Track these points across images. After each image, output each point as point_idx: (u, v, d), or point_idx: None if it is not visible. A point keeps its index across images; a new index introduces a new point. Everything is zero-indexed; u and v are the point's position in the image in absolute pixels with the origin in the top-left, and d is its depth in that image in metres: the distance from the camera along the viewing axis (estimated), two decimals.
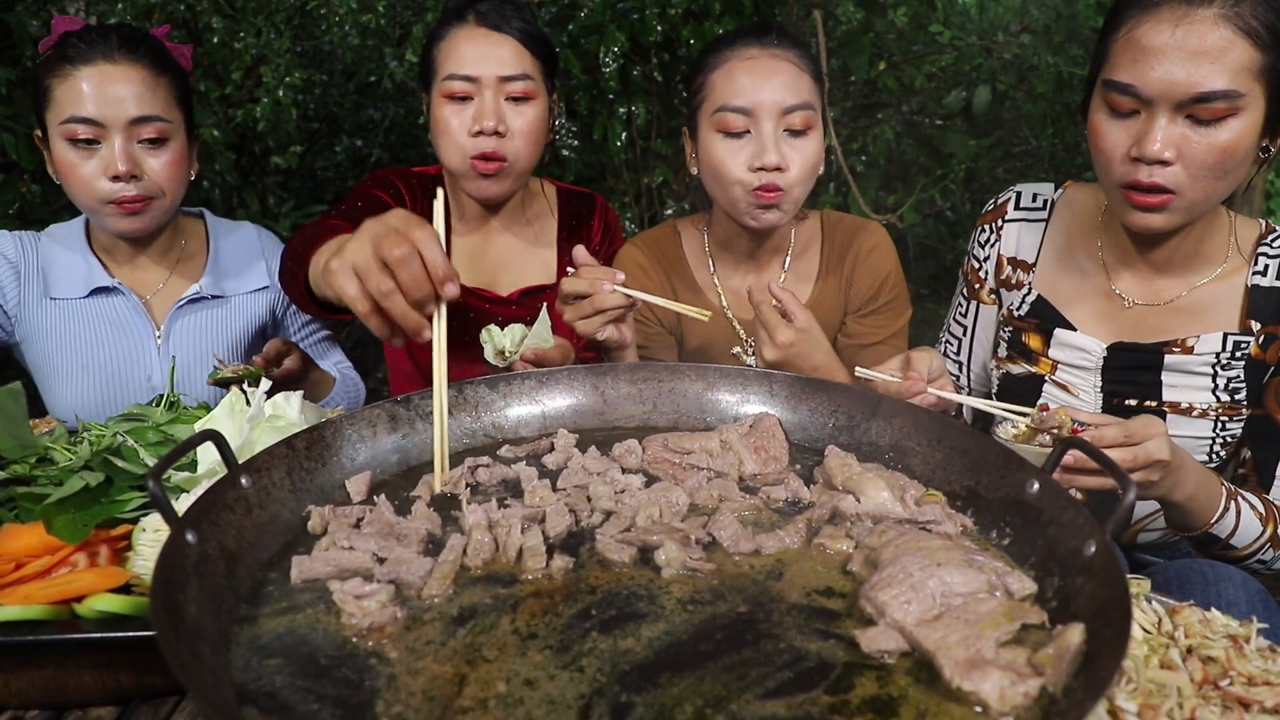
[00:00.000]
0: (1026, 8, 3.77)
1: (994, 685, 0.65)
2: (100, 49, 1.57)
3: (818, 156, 1.58)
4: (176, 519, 0.75)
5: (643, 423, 1.19)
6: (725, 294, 1.77)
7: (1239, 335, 1.35)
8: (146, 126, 1.60)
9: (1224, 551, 1.30)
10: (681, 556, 0.84)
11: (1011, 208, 1.57)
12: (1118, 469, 0.78)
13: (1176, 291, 1.40)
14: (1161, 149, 1.21)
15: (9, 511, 1.09)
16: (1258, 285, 1.36)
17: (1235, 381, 1.36)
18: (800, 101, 1.53)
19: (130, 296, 1.75)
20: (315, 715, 0.65)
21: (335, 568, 0.82)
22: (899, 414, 1.08)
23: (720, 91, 1.56)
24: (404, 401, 1.09)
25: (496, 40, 1.60)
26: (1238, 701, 0.79)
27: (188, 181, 1.72)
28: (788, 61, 1.55)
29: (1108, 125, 1.28)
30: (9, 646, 0.86)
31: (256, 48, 4.09)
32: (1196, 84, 1.18)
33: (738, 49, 1.57)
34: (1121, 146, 1.26)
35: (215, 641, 0.71)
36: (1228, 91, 1.17)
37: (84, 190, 1.60)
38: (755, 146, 1.53)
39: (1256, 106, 1.20)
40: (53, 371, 1.73)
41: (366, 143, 5.50)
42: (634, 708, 0.66)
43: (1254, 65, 1.18)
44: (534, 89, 1.64)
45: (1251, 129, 1.20)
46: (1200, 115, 1.19)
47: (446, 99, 1.62)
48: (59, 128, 1.57)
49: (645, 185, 3.78)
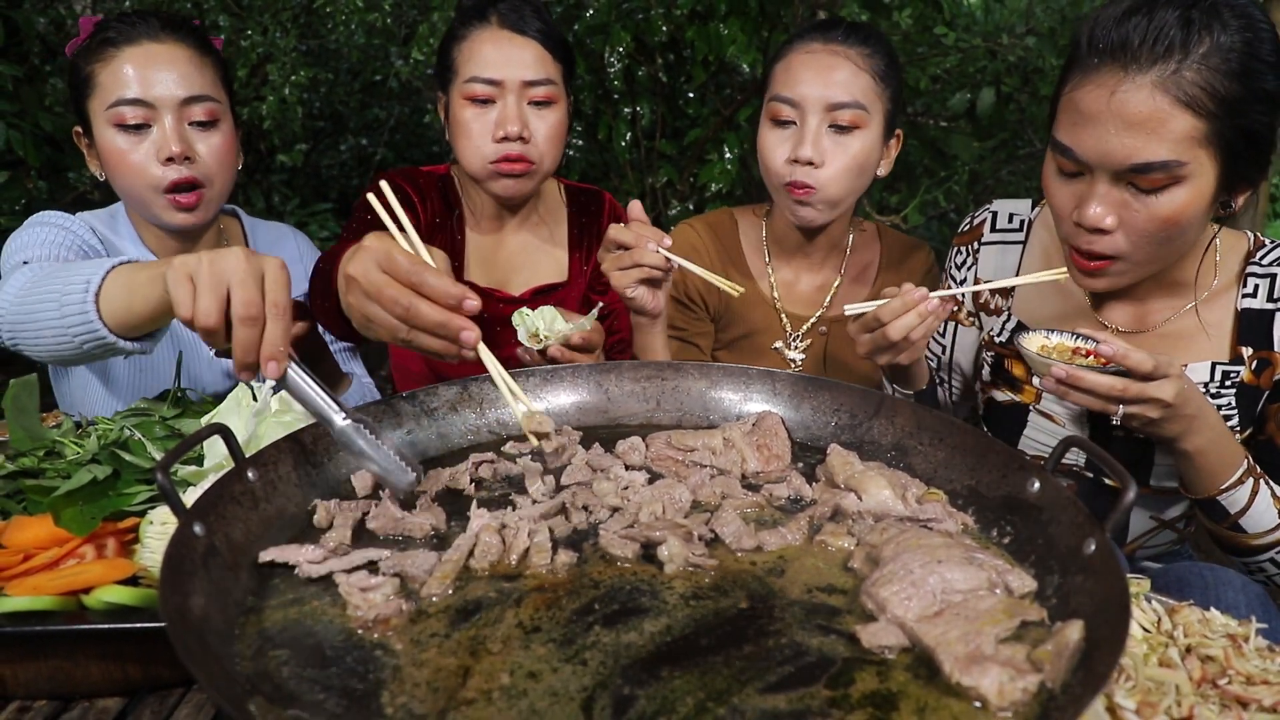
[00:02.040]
0: (1031, 10, 3.77)
1: (993, 681, 0.66)
2: (143, 29, 1.51)
3: (862, 156, 1.57)
4: (185, 511, 0.76)
5: (646, 420, 1.20)
6: (778, 286, 1.78)
7: (1228, 365, 1.30)
8: (197, 107, 1.53)
9: (1231, 534, 1.24)
10: (684, 552, 0.85)
11: (987, 229, 1.52)
12: (1118, 467, 0.79)
13: (1164, 316, 1.34)
14: (1100, 217, 1.17)
15: (17, 504, 1.10)
16: (1248, 309, 1.30)
17: (1226, 409, 1.30)
18: (849, 99, 1.53)
19: None
20: (321, 705, 0.66)
21: (343, 560, 0.83)
22: (901, 413, 1.08)
23: (777, 81, 1.60)
24: (409, 397, 1.10)
25: (520, 43, 1.58)
26: (1236, 700, 0.79)
27: (236, 172, 1.65)
28: (846, 59, 1.55)
29: (1055, 184, 1.24)
30: (17, 637, 0.87)
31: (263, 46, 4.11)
32: (1133, 154, 1.12)
33: (803, 42, 1.60)
34: (1067, 207, 1.22)
35: (222, 632, 0.72)
36: (1166, 162, 1.11)
37: (137, 178, 1.52)
38: (796, 138, 1.56)
39: (1204, 173, 1.13)
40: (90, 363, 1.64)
41: (371, 141, 5.51)
42: (636, 701, 0.67)
43: (1195, 134, 1.10)
44: (556, 93, 1.62)
45: (1198, 196, 1.14)
46: (1140, 184, 1.14)
47: (468, 101, 1.59)
48: (105, 114, 1.50)
49: (650, 185, 3.79)
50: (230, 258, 0.94)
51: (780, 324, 1.77)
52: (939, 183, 3.95)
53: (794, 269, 1.78)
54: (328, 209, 4.86)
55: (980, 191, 4.40)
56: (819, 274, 1.78)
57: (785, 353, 1.77)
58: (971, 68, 3.69)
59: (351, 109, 5.43)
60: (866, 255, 1.80)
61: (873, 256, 1.81)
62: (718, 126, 3.58)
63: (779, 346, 1.77)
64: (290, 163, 4.90)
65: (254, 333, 0.93)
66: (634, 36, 3.34)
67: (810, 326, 1.76)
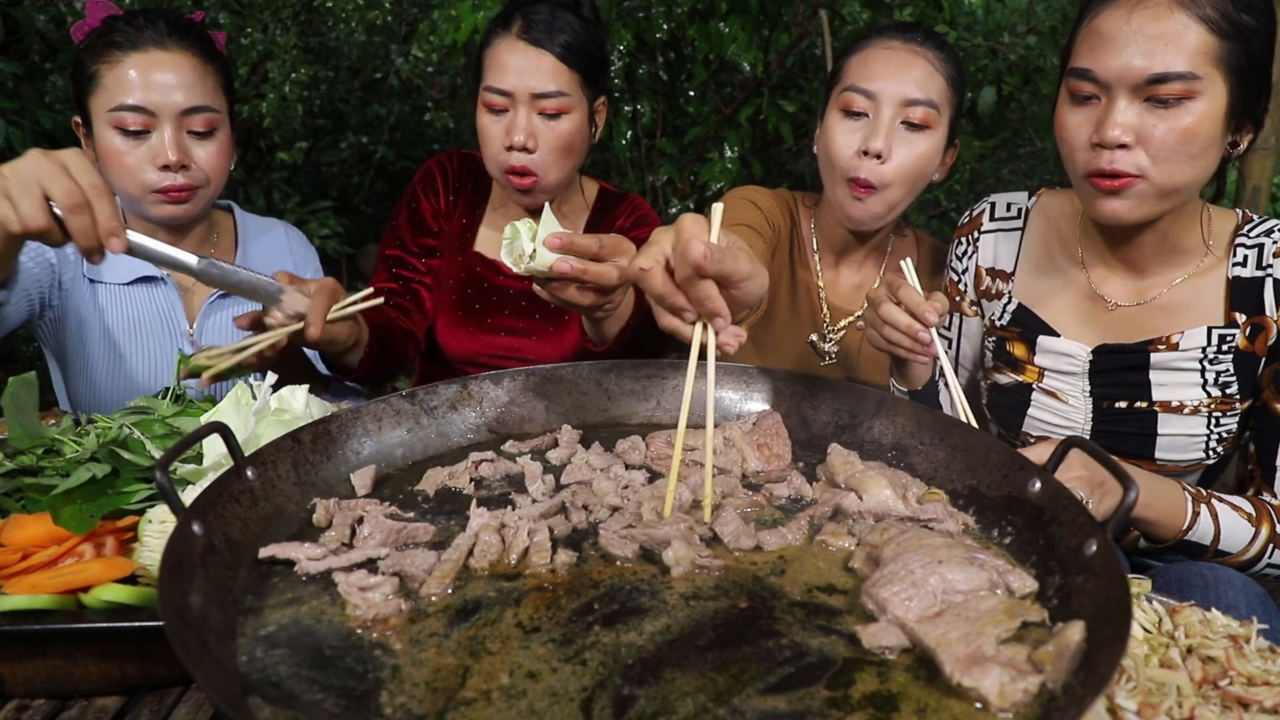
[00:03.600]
0: (1032, 9, 3.77)
1: (994, 681, 0.66)
2: (150, 34, 1.53)
3: (927, 157, 1.60)
4: (183, 509, 0.76)
5: (646, 419, 1.19)
6: (823, 276, 1.82)
7: (1224, 328, 1.35)
8: (197, 117, 1.57)
9: (1222, 560, 1.29)
10: (690, 555, 0.84)
11: (986, 219, 1.57)
12: (1119, 468, 0.78)
13: (1157, 289, 1.40)
14: (1121, 133, 1.21)
15: (16, 502, 1.10)
16: (1239, 277, 1.35)
17: (1225, 375, 1.35)
18: (925, 97, 1.56)
19: (173, 288, 1.71)
20: (320, 705, 0.66)
21: (341, 560, 0.83)
22: (901, 413, 1.08)
23: (852, 73, 1.61)
24: (409, 396, 1.09)
25: (534, 56, 1.62)
26: (1237, 701, 0.79)
27: (230, 171, 1.69)
28: (924, 59, 1.58)
29: (1069, 114, 1.29)
30: (16, 635, 0.87)
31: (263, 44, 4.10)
32: (1152, 65, 1.18)
33: (881, 39, 1.61)
34: (1083, 134, 1.27)
35: (221, 631, 0.72)
36: (1184, 73, 1.17)
37: (130, 178, 1.56)
38: (868, 129, 1.57)
39: (1216, 93, 1.20)
40: (84, 355, 1.67)
41: (372, 139, 5.51)
42: (636, 701, 0.67)
43: (1210, 51, 1.18)
44: (568, 104, 1.66)
45: (1212, 114, 1.20)
46: (1159, 96, 1.19)
47: (485, 108, 1.67)
48: (107, 115, 1.53)
49: (650, 184, 3.79)
50: (28, 161, 1.05)
51: (820, 314, 1.81)
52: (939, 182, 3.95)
53: (836, 266, 1.83)
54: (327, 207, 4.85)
55: (981, 190, 4.40)
56: (859, 273, 1.83)
57: (820, 345, 1.81)
58: (972, 66, 3.68)
59: (352, 107, 5.43)
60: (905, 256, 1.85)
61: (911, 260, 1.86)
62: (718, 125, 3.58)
63: (814, 339, 1.81)
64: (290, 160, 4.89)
65: (86, 218, 1.05)
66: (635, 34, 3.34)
67: (849, 322, 1.81)
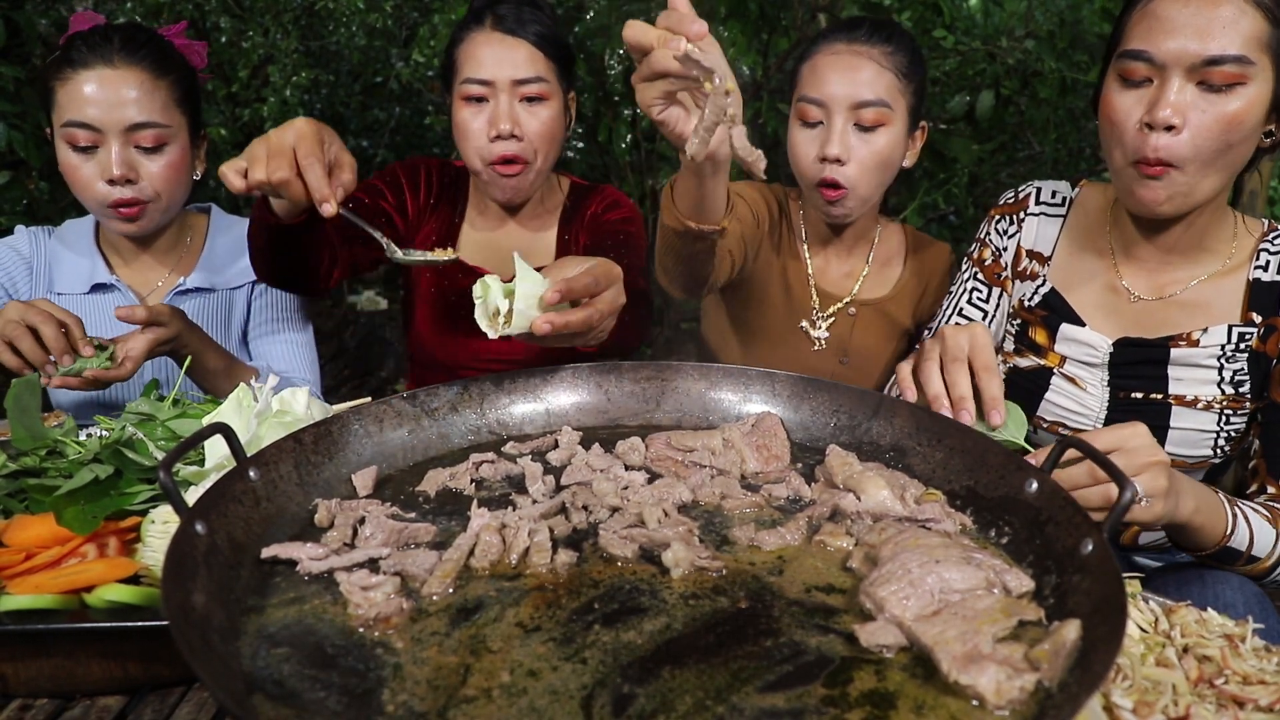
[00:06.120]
0: (1031, 13, 3.77)
1: (990, 679, 0.66)
2: (101, 52, 1.58)
3: (887, 152, 1.64)
4: (187, 509, 0.77)
5: (646, 420, 1.20)
6: (812, 264, 1.86)
7: (1242, 327, 1.37)
8: (143, 133, 1.61)
9: (1247, 567, 1.23)
10: (690, 556, 0.85)
11: (1033, 202, 1.59)
12: (1116, 470, 0.79)
13: (1181, 285, 1.42)
14: (1172, 114, 1.23)
15: (20, 503, 1.11)
16: (1259, 280, 1.38)
17: (1240, 374, 1.37)
18: (873, 98, 1.59)
19: (127, 294, 1.76)
20: (322, 703, 0.67)
21: (343, 559, 0.84)
22: (899, 414, 1.09)
23: (804, 82, 1.66)
24: (410, 398, 1.10)
25: (511, 44, 1.65)
26: (1232, 700, 0.79)
27: (190, 182, 1.73)
28: (870, 59, 1.61)
29: (1120, 96, 1.30)
30: (19, 635, 0.88)
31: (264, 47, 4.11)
32: (1208, 48, 1.20)
33: (828, 44, 1.65)
34: (1134, 115, 1.28)
35: (224, 630, 0.72)
36: (1239, 56, 1.19)
37: (84, 192, 1.63)
38: (823, 136, 1.62)
39: (1264, 80, 1.22)
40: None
41: (372, 143, 5.52)
42: (635, 699, 0.67)
43: (1264, 36, 1.20)
44: (548, 90, 1.69)
45: (1259, 101, 1.22)
46: (1211, 80, 1.21)
47: (464, 101, 1.68)
48: (60, 130, 1.59)
49: (650, 187, 3.79)
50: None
51: (811, 301, 1.84)
52: (938, 185, 3.95)
53: (825, 255, 1.87)
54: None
55: (980, 194, 4.40)
56: (847, 261, 1.88)
57: (811, 331, 1.84)
58: (970, 70, 3.69)
59: (352, 110, 5.44)
60: (892, 245, 1.91)
61: (897, 246, 1.91)
62: None
63: (805, 326, 1.84)
64: None
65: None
66: None
67: (839, 308, 1.84)
